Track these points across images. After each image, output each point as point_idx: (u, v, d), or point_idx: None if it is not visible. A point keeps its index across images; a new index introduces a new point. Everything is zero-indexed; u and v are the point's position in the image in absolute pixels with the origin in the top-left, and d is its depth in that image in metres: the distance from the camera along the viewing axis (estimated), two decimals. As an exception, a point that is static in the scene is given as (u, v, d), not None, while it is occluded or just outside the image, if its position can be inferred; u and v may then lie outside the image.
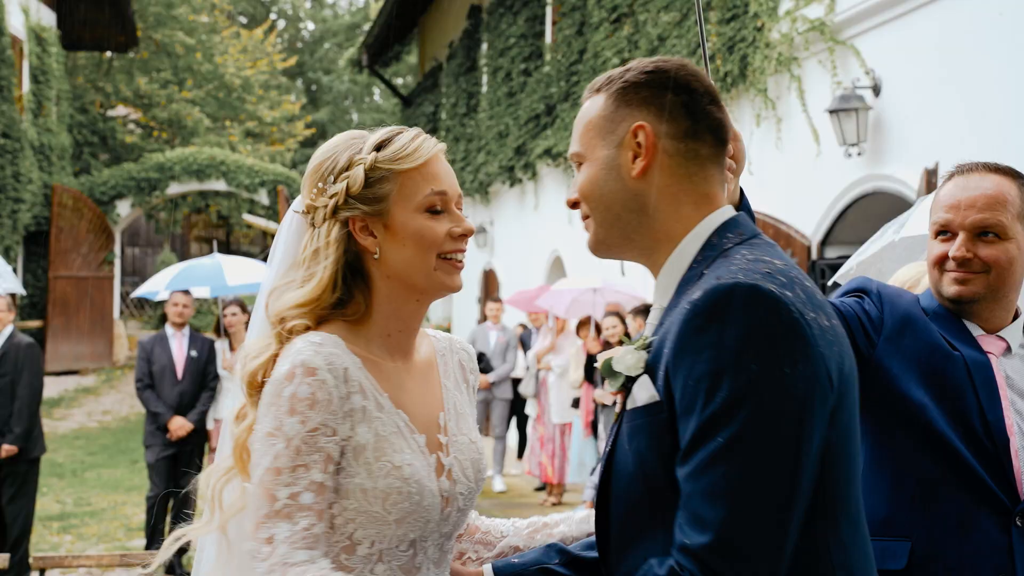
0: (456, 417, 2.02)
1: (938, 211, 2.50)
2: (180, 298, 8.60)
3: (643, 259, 1.84)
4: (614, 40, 12.46)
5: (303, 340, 1.83)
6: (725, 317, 1.57)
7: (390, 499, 1.82)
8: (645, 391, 1.68)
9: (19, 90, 19.40)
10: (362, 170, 1.90)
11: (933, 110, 7.45)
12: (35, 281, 20.67)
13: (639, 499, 1.70)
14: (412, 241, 1.90)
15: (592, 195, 1.80)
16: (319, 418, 1.77)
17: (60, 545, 9.13)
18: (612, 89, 1.81)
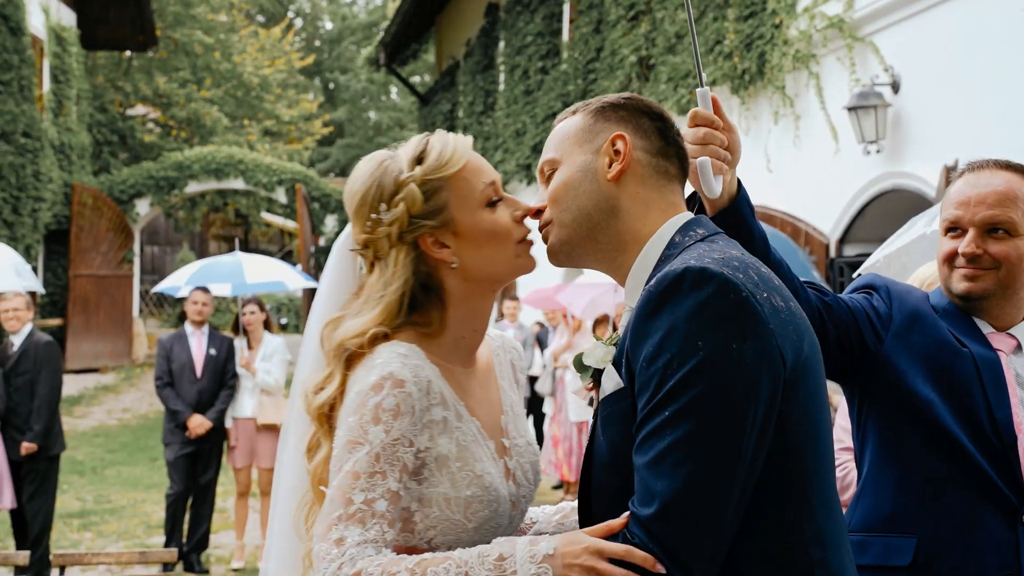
0: (514, 419, 2.04)
1: (948, 208, 2.50)
2: (200, 296, 8.63)
3: (605, 263, 1.91)
4: (631, 38, 12.43)
5: (388, 351, 1.85)
6: (675, 299, 1.65)
7: (471, 508, 1.85)
8: (611, 380, 1.77)
9: (40, 89, 19.52)
10: (416, 187, 1.89)
11: (953, 107, 7.40)
12: (55, 279, 20.80)
13: (616, 488, 1.76)
14: (487, 239, 1.92)
15: (565, 196, 1.88)
16: (400, 429, 1.79)
17: (80, 542, 9.19)
18: (590, 108, 1.93)
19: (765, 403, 1.65)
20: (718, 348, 1.62)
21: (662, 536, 1.60)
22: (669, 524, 1.60)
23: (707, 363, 1.61)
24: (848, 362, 2.45)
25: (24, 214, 18.31)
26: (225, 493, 10.67)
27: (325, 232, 23.09)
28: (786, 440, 1.69)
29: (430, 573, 1.67)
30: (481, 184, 1.92)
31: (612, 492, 1.76)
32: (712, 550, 1.62)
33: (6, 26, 17.65)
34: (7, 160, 17.64)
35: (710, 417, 1.61)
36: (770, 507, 1.69)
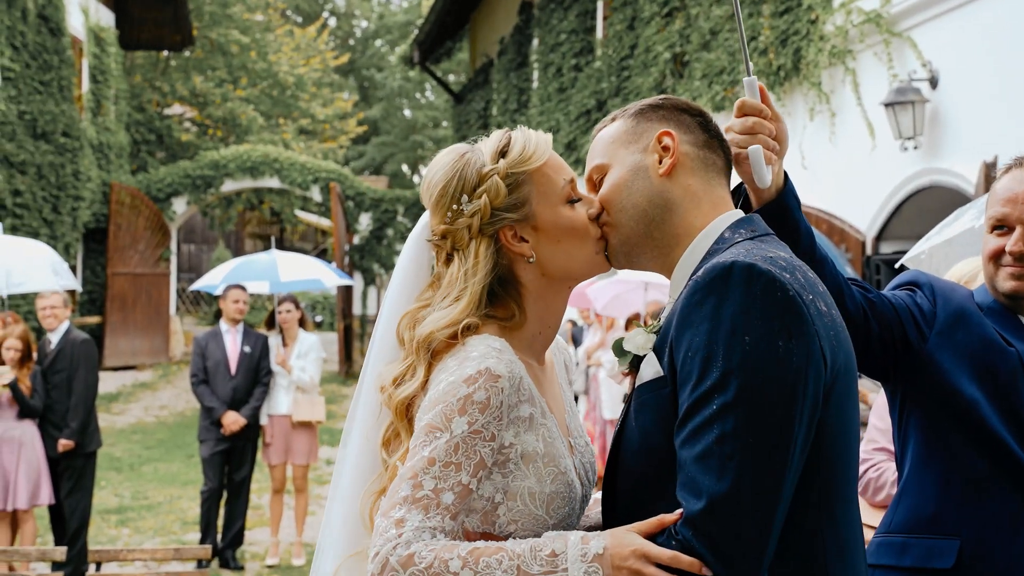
0: (573, 418, 2.06)
1: (995, 205, 2.45)
2: (238, 294, 8.68)
3: (659, 259, 1.92)
4: (665, 35, 12.37)
5: (483, 344, 1.84)
6: (722, 291, 1.65)
7: (554, 503, 1.85)
8: (651, 367, 1.78)
9: (79, 89, 19.74)
10: (499, 179, 1.89)
11: (991, 102, 7.29)
12: (94, 278, 21.04)
13: (644, 474, 1.77)
14: (567, 235, 1.91)
15: (618, 197, 1.90)
16: (484, 422, 1.78)
17: (118, 538, 9.28)
18: (629, 112, 1.97)
19: (811, 402, 1.65)
20: (764, 343, 1.62)
21: (709, 534, 1.60)
22: (717, 522, 1.60)
23: (753, 357, 1.61)
24: (891, 360, 2.42)
25: (63, 213, 18.52)
26: (260, 490, 10.74)
27: (359, 230, 23.18)
28: (819, 449, 1.69)
29: (482, 563, 1.67)
30: (562, 181, 1.93)
31: (638, 476, 1.79)
32: (759, 549, 1.62)
33: (46, 27, 17.87)
34: (47, 159, 17.86)
35: (758, 412, 1.61)
36: (795, 515, 1.68)
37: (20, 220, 16.86)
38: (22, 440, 7.54)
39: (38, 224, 17.48)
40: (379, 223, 23.14)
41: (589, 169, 1.97)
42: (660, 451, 1.72)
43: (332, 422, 15.35)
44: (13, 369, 7.49)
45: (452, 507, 1.77)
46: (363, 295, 23.29)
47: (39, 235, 16.86)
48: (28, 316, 14.60)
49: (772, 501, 1.62)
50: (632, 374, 1.86)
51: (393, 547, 1.72)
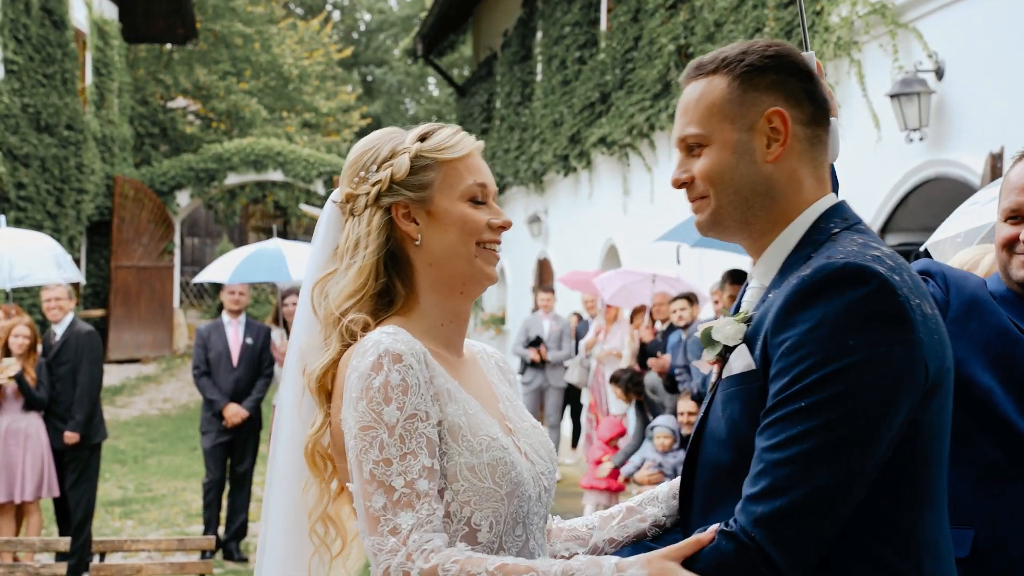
0: (513, 408, 2.05)
1: (1009, 194, 2.44)
2: (236, 287, 8.69)
3: (749, 241, 1.87)
4: (670, 26, 12.34)
5: (377, 332, 1.84)
6: (832, 292, 1.62)
7: (498, 471, 1.83)
8: (742, 359, 1.74)
9: (82, 82, 19.73)
10: (407, 158, 1.94)
11: (998, 93, 7.26)
12: (98, 271, 21.05)
13: (728, 465, 1.75)
14: (455, 227, 1.93)
15: (721, 178, 1.81)
16: (414, 403, 1.78)
17: (122, 530, 9.29)
18: (735, 72, 1.81)
19: (902, 414, 1.63)
20: (867, 350, 1.59)
21: (785, 537, 1.59)
22: (795, 525, 1.59)
23: (853, 363, 1.59)
24: None
25: (67, 206, 18.53)
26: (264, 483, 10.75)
27: (363, 223, 23.18)
28: (915, 450, 1.68)
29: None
30: (472, 179, 1.95)
31: (722, 468, 1.77)
32: (815, 554, 1.61)
33: (49, 20, 17.86)
34: (51, 152, 17.87)
35: (846, 418, 1.58)
36: (890, 514, 1.66)
37: (24, 213, 16.87)
38: (28, 432, 7.55)
39: (42, 217, 17.48)
40: (382, 216, 23.14)
41: (684, 132, 1.85)
42: (747, 443, 1.70)
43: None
44: (19, 360, 7.50)
45: (431, 491, 1.76)
46: (366, 288, 23.32)
47: (43, 228, 16.86)
48: (32, 309, 14.61)
49: (840, 511, 1.60)
50: (718, 363, 1.82)
51: (406, 556, 1.69)
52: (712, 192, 1.82)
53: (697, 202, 1.86)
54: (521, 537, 1.89)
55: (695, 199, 1.87)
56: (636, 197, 13.64)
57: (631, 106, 13.34)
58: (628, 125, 13.41)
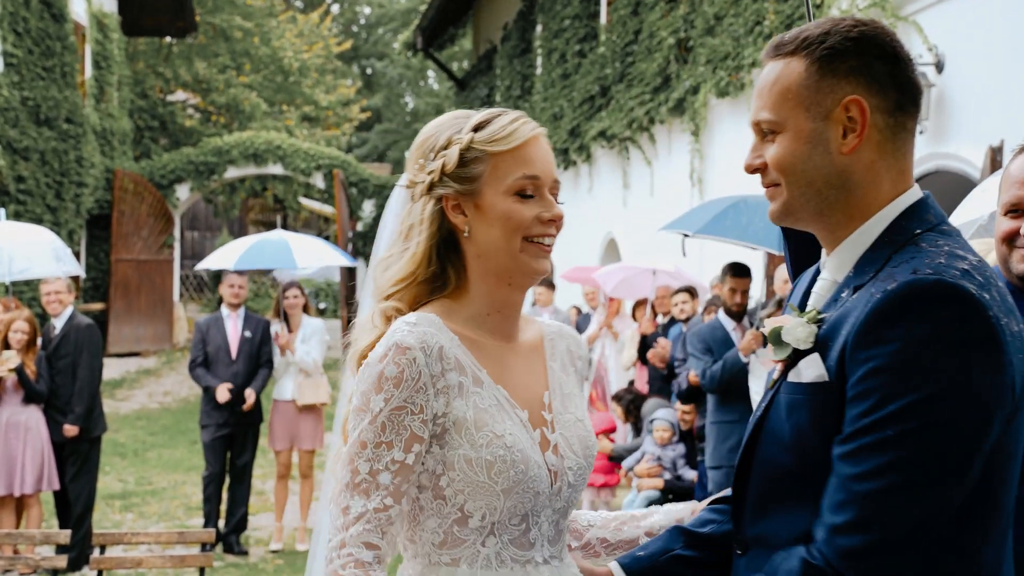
0: (562, 397, 2.05)
1: (1010, 188, 2.42)
2: (235, 279, 8.68)
3: (823, 234, 1.79)
4: (670, 20, 12.33)
5: (399, 322, 1.90)
6: (920, 312, 1.54)
7: (495, 468, 1.85)
8: (814, 368, 1.66)
9: (81, 76, 19.70)
10: (457, 150, 1.94)
11: (998, 86, 7.26)
12: (98, 264, 21.03)
13: (789, 468, 1.70)
14: (499, 222, 1.93)
15: (792, 168, 1.72)
16: (404, 396, 1.83)
17: (122, 523, 9.30)
18: (814, 55, 1.70)
19: (993, 439, 1.57)
20: (958, 376, 1.52)
21: (861, 566, 1.55)
22: (874, 558, 1.55)
23: (943, 390, 1.52)
24: None
25: (67, 199, 18.51)
26: (264, 475, 10.76)
27: (362, 217, 23.15)
28: (992, 471, 1.61)
29: None
30: (520, 172, 1.93)
31: (781, 470, 1.71)
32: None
33: (49, 13, 17.82)
34: (50, 146, 17.85)
35: (938, 449, 1.53)
36: (959, 536, 1.61)
37: (24, 206, 16.85)
38: (28, 425, 7.56)
39: (41, 210, 17.47)
40: (382, 210, 22.97)
41: (759, 117, 1.76)
42: (813, 452, 1.64)
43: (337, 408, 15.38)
44: (19, 353, 7.50)
45: (391, 487, 1.82)
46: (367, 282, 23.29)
47: (42, 221, 16.83)
48: (32, 302, 14.61)
49: (939, 543, 1.56)
50: (783, 363, 1.74)
51: (339, 543, 1.80)
52: (784, 182, 1.74)
53: (770, 189, 1.78)
54: (520, 527, 1.91)
55: (768, 186, 1.78)
56: (636, 191, 13.63)
57: (631, 99, 13.32)
58: (628, 119, 13.40)
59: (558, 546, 1.98)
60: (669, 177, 12.45)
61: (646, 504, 7.65)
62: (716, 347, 7.20)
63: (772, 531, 1.72)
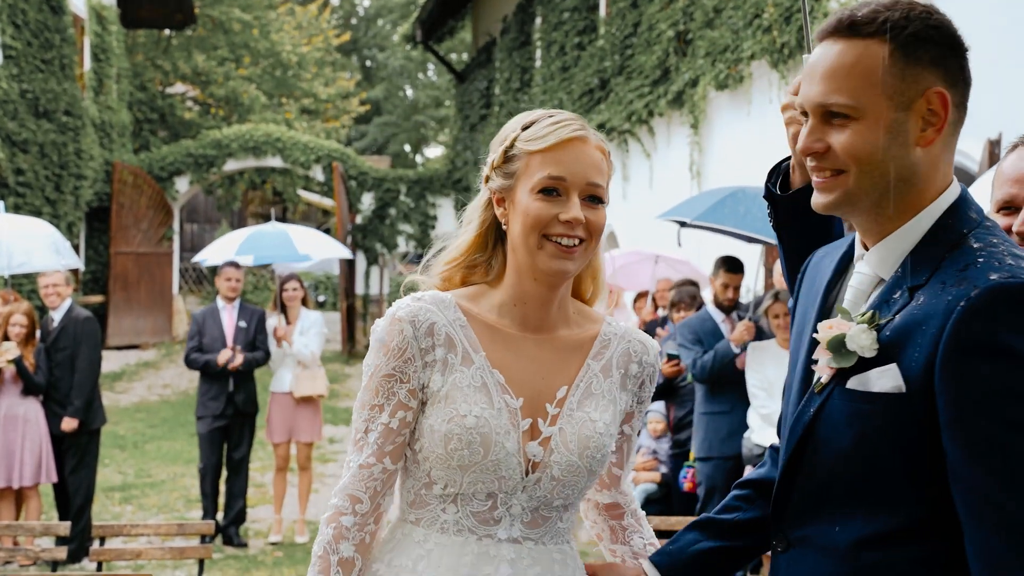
0: (583, 395, 2.08)
1: (1002, 185, 2.41)
2: (231, 272, 8.69)
3: (873, 223, 1.73)
4: (669, 12, 12.32)
5: (409, 296, 2.07)
6: (1013, 318, 1.52)
7: (451, 444, 1.95)
8: (889, 380, 1.61)
9: (80, 68, 19.68)
10: (503, 147, 2.06)
11: (996, 79, 7.26)
12: (97, 257, 21.04)
13: (846, 477, 1.67)
14: (521, 218, 2.01)
15: (870, 158, 1.65)
16: (393, 364, 1.99)
17: (122, 515, 9.32)
18: (899, 40, 1.63)
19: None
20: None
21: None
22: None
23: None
24: None
25: (66, 192, 18.51)
26: (263, 468, 10.77)
27: (362, 210, 23.15)
28: None
29: None
30: (546, 172, 1.99)
31: (835, 478, 1.69)
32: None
33: (47, 5, 17.80)
34: (49, 138, 17.84)
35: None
36: None
37: (23, 199, 16.86)
38: (26, 417, 7.57)
39: (40, 203, 17.47)
40: (381, 203, 23.11)
41: (828, 99, 1.67)
42: (884, 466, 1.62)
43: (335, 400, 15.39)
44: (18, 346, 7.51)
45: (375, 446, 2.00)
46: (366, 275, 23.28)
47: (41, 214, 16.84)
48: (31, 295, 14.62)
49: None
50: (833, 369, 1.70)
51: (337, 497, 2.02)
52: (855, 170, 1.65)
53: (830, 177, 1.69)
54: (486, 504, 1.99)
55: (828, 172, 1.69)
56: (635, 183, 13.63)
57: (630, 92, 13.32)
58: (627, 111, 13.40)
59: (539, 530, 2.02)
60: (668, 170, 12.45)
61: (644, 498, 7.66)
62: (706, 338, 7.22)
63: (820, 533, 1.72)
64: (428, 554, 1.99)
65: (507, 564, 1.98)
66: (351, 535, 2.00)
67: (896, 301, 1.66)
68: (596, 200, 2.05)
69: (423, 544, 2.00)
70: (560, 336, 2.10)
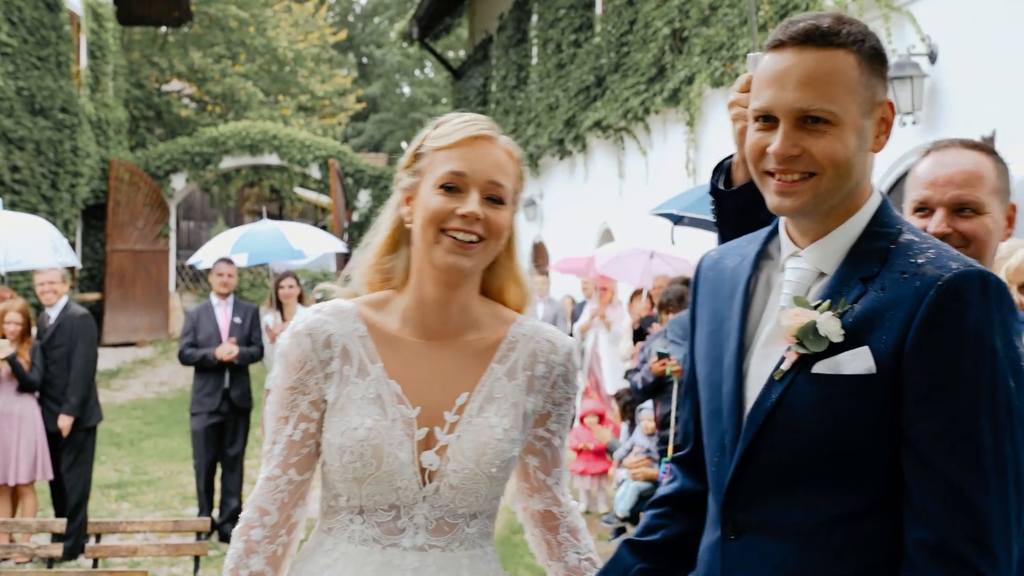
0: (484, 400, 2.05)
1: (917, 188, 2.49)
2: (224, 268, 8.69)
3: (821, 223, 1.81)
4: (664, 10, 12.33)
5: (311, 307, 2.09)
6: (972, 301, 1.64)
7: (344, 456, 1.97)
8: (862, 362, 1.69)
9: (77, 65, 19.66)
10: (413, 147, 2.07)
11: (990, 77, 7.28)
12: (93, 254, 21.03)
13: (811, 461, 1.73)
14: (422, 212, 2.01)
15: (845, 162, 1.74)
16: (295, 376, 2.02)
17: (118, 512, 9.33)
18: (863, 52, 1.75)
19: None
20: (1011, 350, 1.65)
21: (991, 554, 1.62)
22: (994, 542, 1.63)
23: (1008, 364, 1.64)
24: None
25: (62, 189, 18.50)
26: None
27: (358, 207, 23.15)
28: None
29: None
30: (447, 168, 1.98)
31: (800, 461, 1.74)
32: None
33: (43, 2, 17.79)
34: (45, 135, 17.83)
35: (1016, 420, 1.64)
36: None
37: (19, 196, 16.85)
38: (22, 415, 7.58)
39: (37, 200, 17.46)
40: (378, 200, 23.11)
41: (810, 105, 1.73)
42: (850, 445, 1.70)
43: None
44: (13, 343, 7.51)
45: (280, 459, 2.04)
46: (363, 272, 23.29)
47: (38, 211, 16.83)
48: (28, 292, 14.61)
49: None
50: (797, 355, 1.76)
51: (249, 510, 2.06)
52: (830, 173, 1.73)
53: (799, 180, 1.75)
54: (389, 514, 2.00)
55: (798, 175, 1.75)
56: (631, 180, 13.64)
57: (626, 90, 13.33)
58: (623, 109, 13.41)
59: (445, 537, 2.01)
60: (664, 167, 12.46)
61: (638, 496, 7.67)
62: None
63: (782, 515, 1.76)
64: (334, 563, 2.00)
65: (411, 572, 1.97)
66: (261, 548, 2.02)
67: (851, 291, 1.74)
68: (498, 200, 2.00)
69: (331, 553, 2.02)
70: (464, 341, 2.07)
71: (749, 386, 1.83)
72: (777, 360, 1.79)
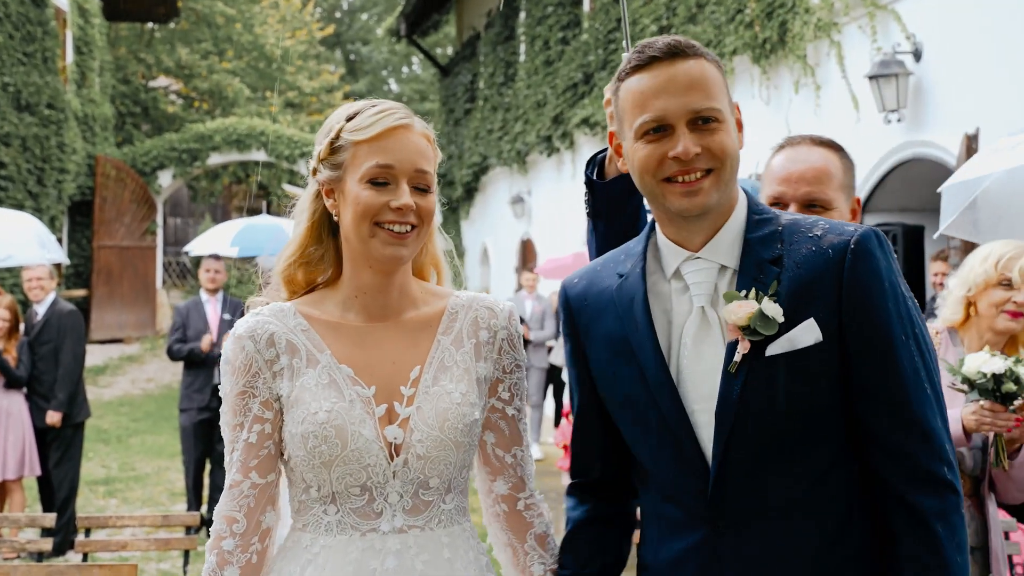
0: (437, 370, 2.08)
1: (770, 183, 2.56)
2: (212, 264, 8.70)
3: (708, 222, 1.93)
4: (652, 7, 12.36)
5: (249, 312, 2.10)
6: (878, 255, 1.85)
7: (309, 442, 1.97)
8: (811, 333, 1.84)
9: (63, 61, 19.60)
10: (328, 139, 2.06)
11: (974, 75, 7.34)
12: (80, 251, 20.96)
13: (784, 436, 1.85)
14: (353, 207, 2.01)
15: (734, 153, 1.90)
16: (243, 381, 2.03)
17: (106, 508, 9.32)
18: (713, 62, 1.93)
19: None
20: (908, 290, 1.91)
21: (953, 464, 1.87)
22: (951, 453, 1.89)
23: (912, 302, 1.89)
24: None
25: (48, 185, 18.44)
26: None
27: (346, 204, 23.12)
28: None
29: None
30: (374, 161, 2.00)
31: (774, 440, 1.85)
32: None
33: (29, -2, 17.72)
34: (31, 132, 17.77)
35: (927, 342, 1.90)
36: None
37: (5, 192, 16.79)
38: (10, 411, 7.57)
39: (23, 197, 17.40)
40: (366, 196, 23.09)
41: (703, 106, 1.87)
42: (818, 410, 1.85)
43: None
44: (0, 339, 7.51)
45: (240, 464, 2.02)
46: (350, 268, 23.28)
47: (24, 207, 16.78)
48: (15, 289, 14.57)
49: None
50: (746, 339, 1.84)
51: (218, 516, 2.03)
52: (728, 166, 1.88)
53: (703, 178, 1.87)
54: (363, 498, 2.00)
55: (700, 172, 1.86)
56: (618, 177, 13.66)
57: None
58: (611, 106, 13.43)
59: (422, 516, 2.02)
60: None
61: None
62: None
63: (765, 499, 1.85)
64: (315, 558, 1.99)
65: (393, 556, 1.98)
66: (235, 558, 2.00)
67: (768, 275, 1.87)
68: (424, 188, 2.04)
69: (310, 548, 2.01)
70: (407, 319, 2.11)
71: (689, 388, 1.89)
72: (712, 358, 1.87)
